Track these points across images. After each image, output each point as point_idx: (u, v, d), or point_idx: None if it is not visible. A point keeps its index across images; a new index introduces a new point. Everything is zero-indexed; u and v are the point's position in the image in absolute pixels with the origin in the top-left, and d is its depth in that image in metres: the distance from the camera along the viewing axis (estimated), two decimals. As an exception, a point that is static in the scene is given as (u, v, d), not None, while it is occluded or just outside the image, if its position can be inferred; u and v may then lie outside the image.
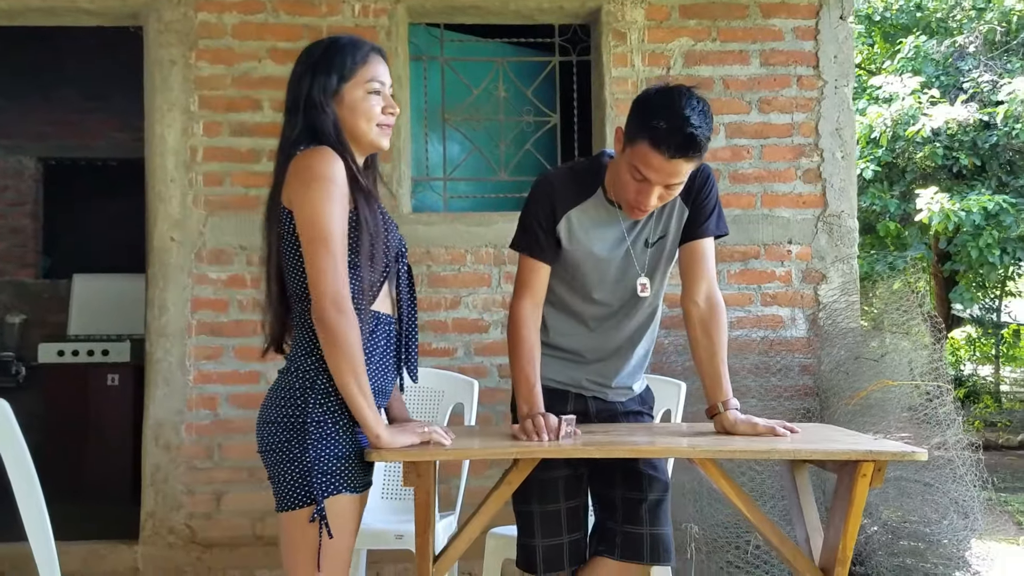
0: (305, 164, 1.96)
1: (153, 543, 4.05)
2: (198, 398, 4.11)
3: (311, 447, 1.93)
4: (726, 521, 3.71)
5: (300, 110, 2.03)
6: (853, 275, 4.38)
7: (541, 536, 2.34)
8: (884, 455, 2.08)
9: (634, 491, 2.33)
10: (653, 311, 2.41)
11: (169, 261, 4.13)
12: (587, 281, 2.33)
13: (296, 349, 2.03)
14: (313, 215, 1.92)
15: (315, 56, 2.06)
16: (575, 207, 2.29)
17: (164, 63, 4.17)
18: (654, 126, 2.07)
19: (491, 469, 4.05)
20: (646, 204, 2.17)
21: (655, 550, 2.31)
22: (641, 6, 4.34)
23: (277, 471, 1.97)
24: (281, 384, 2.01)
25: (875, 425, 3.79)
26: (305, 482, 1.93)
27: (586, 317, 2.37)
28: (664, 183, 2.13)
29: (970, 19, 8.65)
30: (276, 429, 1.97)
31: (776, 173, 4.38)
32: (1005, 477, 7.26)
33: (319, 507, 1.91)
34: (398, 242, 2.11)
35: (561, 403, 2.37)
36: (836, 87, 4.41)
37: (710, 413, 2.34)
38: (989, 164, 8.08)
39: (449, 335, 4.20)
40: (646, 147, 2.08)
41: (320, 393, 1.96)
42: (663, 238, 2.33)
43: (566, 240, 2.29)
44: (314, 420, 1.94)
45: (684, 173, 2.13)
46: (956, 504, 3.77)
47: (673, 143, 2.06)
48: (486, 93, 4.56)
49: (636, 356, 2.43)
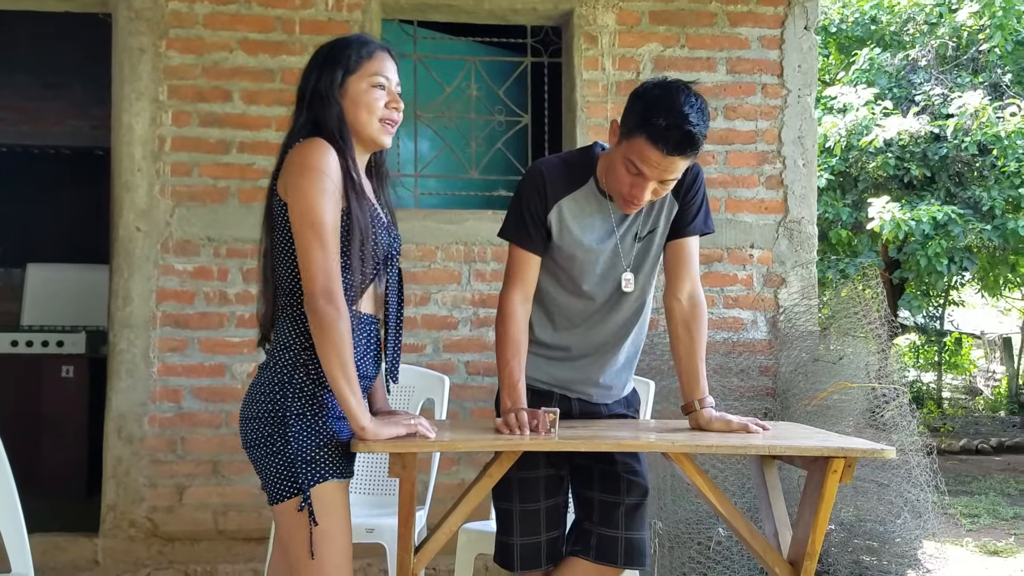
0: (299, 155, 1.98)
1: (114, 536, 4.00)
2: (162, 390, 4.07)
3: (292, 439, 1.95)
4: (688, 517, 3.78)
5: (305, 103, 2.05)
6: (812, 280, 4.49)
7: (520, 534, 2.35)
8: (855, 452, 2.15)
9: (611, 494, 2.33)
10: (640, 308, 2.39)
11: (134, 251, 4.09)
12: (574, 273, 2.31)
13: (276, 344, 2.04)
14: (305, 205, 1.94)
15: (323, 52, 2.09)
16: (566, 196, 2.27)
17: (133, 51, 4.12)
18: (653, 122, 2.07)
19: (457, 465, 4.07)
20: (640, 198, 2.17)
21: (629, 554, 2.32)
22: (612, 11, 4.40)
23: (263, 465, 1.99)
24: (260, 380, 2.03)
25: (833, 426, 3.89)
26: (290, 473, 1.95)
27: (571, 312, 2.35)
28: (659, 179, 2.14)
29: (923, 33, 8.87)
30: (258, 424, 1.99)
31: (740, 179, 4.47)
32: (948, 480, 7.41)
33: (305, 496, 1.93)
34: (388, 244, 2.10)
35: (545, 404, 2.33)
36: (799, 96, 4.52)
37: (686, 410, 2.37)
38: (939, 175, 8.29)
39: (418, 331, 4.22)
40: (643, 142, 2.09)
41: (298, 388, 1.98)
42: (652, 232, 2.33)
43: (556, 230, 2.27)
44: (294, 413, 1.96)
45: (679, 169, 2.15)
46: (910, 504, 3.89)
47: (672, 140, 2.07)
48: (458, 91, 4.58)
49: (623, 355, 2.41)
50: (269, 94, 4.16)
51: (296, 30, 4.22)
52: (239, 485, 4.06)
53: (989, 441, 9.64)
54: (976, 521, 5.94)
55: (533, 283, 2.31)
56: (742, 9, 4.48)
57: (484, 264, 4.20)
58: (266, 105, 4.15)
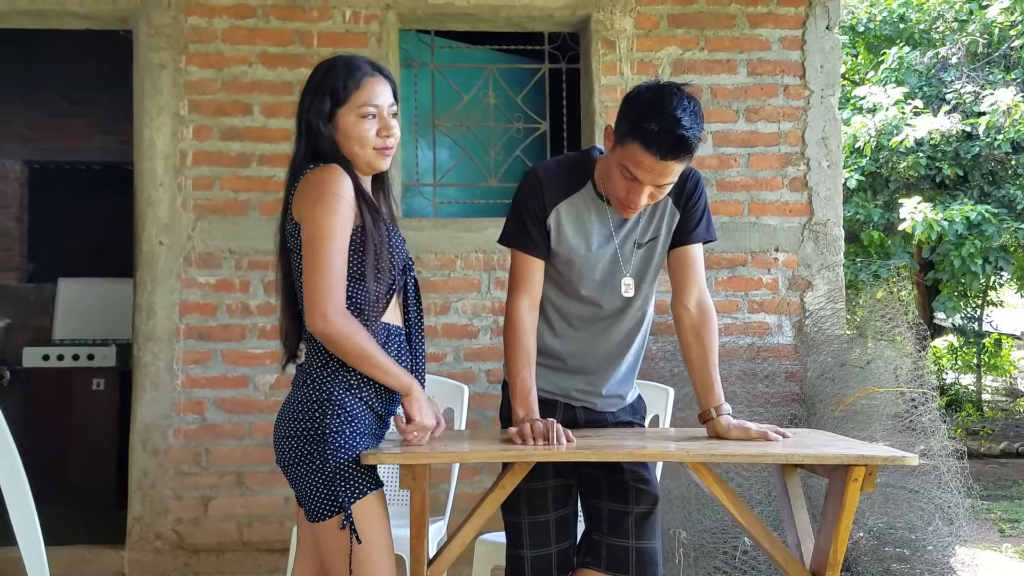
0: (315, 180, 2.02)
1: (140, 548, 4.03)
2: (186, 403, 4.10)
3: (331, 456, 1.98)
4: (713, 527, 3.73)
5: (303, 134, 2.09)
6: (839, 283, 4.42)
7: (529, 547, 2.33)
8: (876, 459, 2.10)
9: (620, 503, 2.31)
10: (642, 316, 2.36)
11: (157, 265, 4.12)
12: (574, 278, 2.29)
13: (310, 362, 2.07)
14: (315, 231, 1.98)
15: (314, 80, 2.10)
16: (564, 200, 2.26)
17: (154, 67, 4.16)
18: (645, 127, 2.05)
19: (480, 475, 4.05)
20: (636, 203, 2.16)
21: (641, 563, 2.30)
22: (630, 15, 4.37)
23: (302, 484, 2.02)
24: (297, 397, 2.05)
25: (861, 431, 3.82)
26: (331, 492, 1.98)
27: (572, 318, 2.33)
28: (655, 183, 2.12)
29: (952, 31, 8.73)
30: (296, 443, 2.01)
31: (763, 181, 4.42)
32: (987, 485, 7.32)
33: (347, 513, 1.97)
34: (405, 256, 2.14)
35: (549, 413, 2.33)
36: (822, 97, 4.45)
37: (703, 419, 2.34)
38: (971, 174, 8.14)
39: (439, 340, 4.21)
40: (637, 148, 2.07)
41: (336, 404, 2.01)
42: (654, 240, 2.31)
43: (555, 234, 2.26)
44: (332, 430, 1.99)
45: (675, 173, 2.13)
46: (941, 511, 3.81)
47: (664, 145, 2.05)
48: (476, 100, 4.57)
49: (626, 363, 2.38)
50: (288, 107, 4.17)
51: (314, 43, 4.24)
52: (263, 496, 4.07)
53: (1030, 444, 9.42)
54: (1016, 526, 5.80)
55: (539, 289, 2.29)
56: (762, 10, 4.43)
57: (504, 272, 4.18)
58: (285, 118, 4.16)
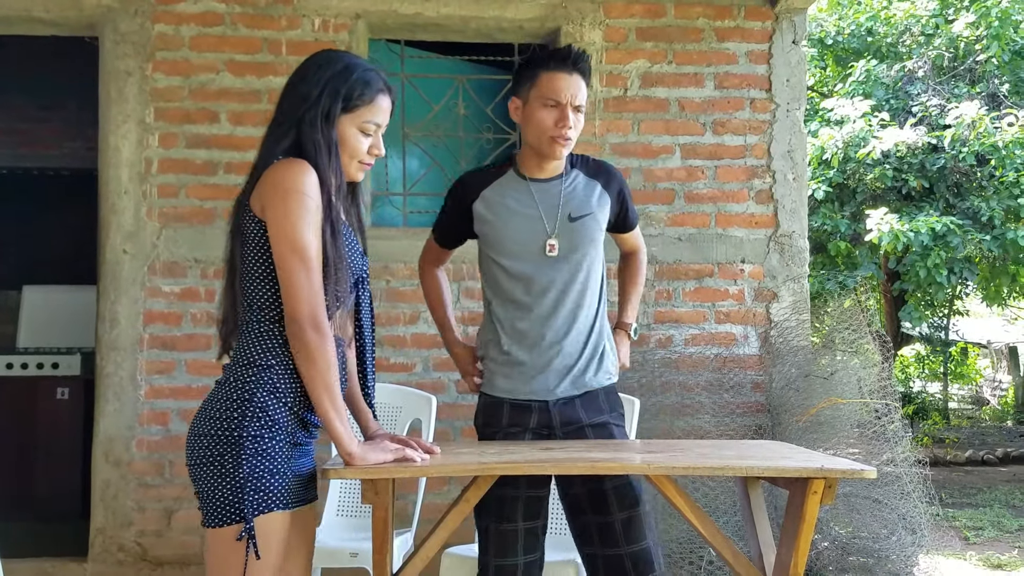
0: (281, 175, 1.94)
1: (103, 560, 3.98)
2: (149, 413, 4.06)
3: (245, 462, 1.87)
4: (680, 536, 3.75)
5: (294, 124, 2.00)
6: (804, 294, 4.46)
7: (494, 555, 2.36)
8: (835, 472, 2.12)
9: (602, 514, 2.36)
10: (583, 290, 2.46)
11: (121, 274, 4.08)
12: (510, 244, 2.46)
13: (236, 360, 1.98)
14: (289, 229, 1.90)
15: (325, 75, 2.02)
16: (487, 187, 2.52)
17: (120, 74, 4.13)
18: (544, 59, 2.42)
19: (448, 485, 4.04)
20: (566, 126, 2.39)
21: (638, 567, 2.35)
22: (599, 28, 4.40)
23: (207, 486, 1.90)
24: (217, 396, 1.95)
25: (826, 442, 3.86)
26: (236, 499, 1.87)
27: (517, 296, 2.44)
28: (573, 103, 2.39)
29: (919, 44, 8.84)
30: (209, 443, 1.90)
31: (729, 194, 4.45)
32: (953, 492, 7.41)
33: (248, 525, 1.86)
34: (360, 268, 2.09)
35: (524, 417, 2.41)
36: (788, 110, 4.50)
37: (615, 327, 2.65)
38: (937, 186, 8.24)
39: (408, 350, 4.20)
40: (548, 74, 2.39)
41: (257, 407, 1.90)
42: (587, 216, 2.47)
43: (487, 212, 2.49)
44: (250, 435, 1.88)
45: (584, 91, 2.44)
46: (904, 520, 3.85)
47: (567, 57, 2.41)
48: (446, 109, 4.58)
49: (581, 338, 2.45)
50: (256, 115, 4.15)
51: (283, 51, 4.22)
52: (228, 508, 4.03)
53: (995, 452, 9.57)
54: (980, 534, 5.87)
55: (440, 258, 2.71)
56: (729, 24, 4.47)
57: (473, 282, 4.18)
58: (253, 126, 4.14)
